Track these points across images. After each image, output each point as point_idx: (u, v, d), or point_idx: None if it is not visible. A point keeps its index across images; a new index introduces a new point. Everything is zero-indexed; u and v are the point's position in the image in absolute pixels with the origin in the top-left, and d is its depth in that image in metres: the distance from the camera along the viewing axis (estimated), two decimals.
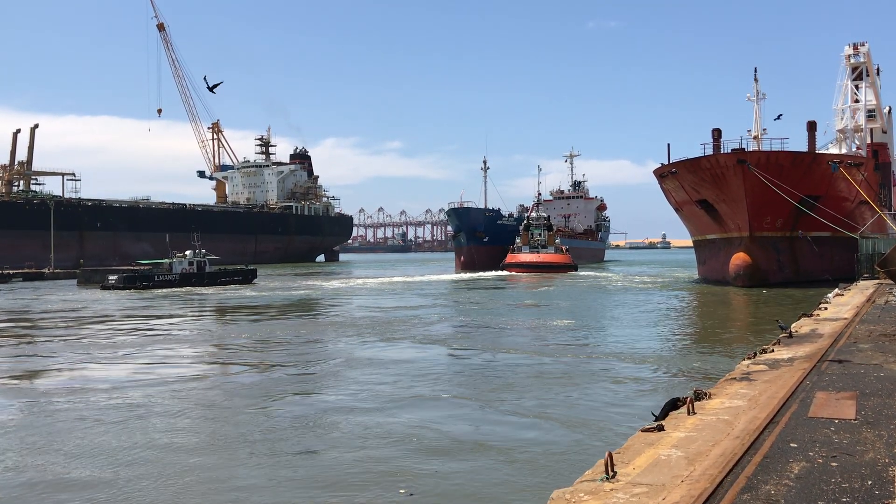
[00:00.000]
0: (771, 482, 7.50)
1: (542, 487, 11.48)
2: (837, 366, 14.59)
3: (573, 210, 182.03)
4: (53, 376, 24.48)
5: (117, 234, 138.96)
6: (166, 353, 29.63)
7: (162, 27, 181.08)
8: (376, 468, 13.65)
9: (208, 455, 14.82)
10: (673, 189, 73.47)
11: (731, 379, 13.43)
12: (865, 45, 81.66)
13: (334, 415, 17.93)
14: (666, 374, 23.33)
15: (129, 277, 75.57)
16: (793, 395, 11.83)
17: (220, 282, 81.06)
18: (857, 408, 10.83)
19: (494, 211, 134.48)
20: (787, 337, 19.04)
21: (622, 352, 27.98)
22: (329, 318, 44.28)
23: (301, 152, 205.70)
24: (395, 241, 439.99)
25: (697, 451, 8.66)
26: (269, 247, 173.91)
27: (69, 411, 18.71)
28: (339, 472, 13.57)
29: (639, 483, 7.49)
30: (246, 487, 12.85)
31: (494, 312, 45.58)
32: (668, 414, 10.83)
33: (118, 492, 12.61)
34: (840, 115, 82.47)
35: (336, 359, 27.40)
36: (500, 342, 31.50)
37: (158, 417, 18.00)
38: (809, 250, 67.64)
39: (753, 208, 63.45)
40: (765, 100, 72.74)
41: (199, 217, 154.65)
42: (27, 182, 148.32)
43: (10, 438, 16.26)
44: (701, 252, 79.51)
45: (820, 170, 64.32)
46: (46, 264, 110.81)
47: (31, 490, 12.83)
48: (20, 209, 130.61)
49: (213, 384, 22.92)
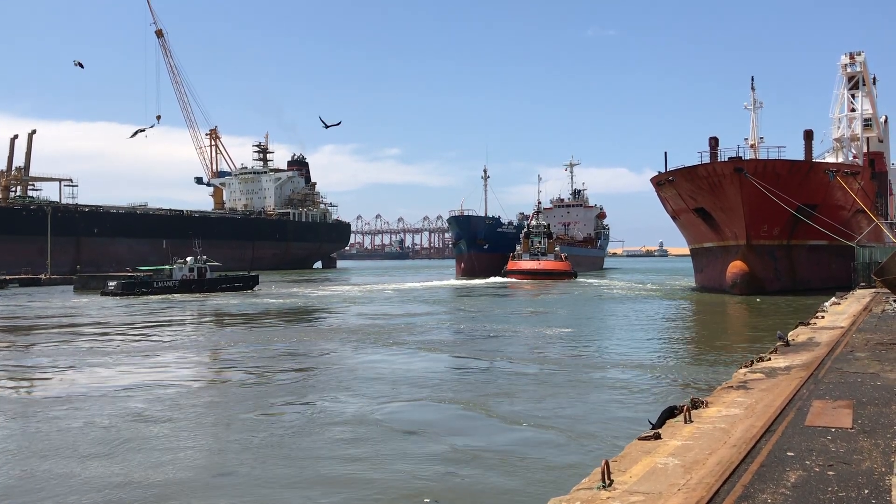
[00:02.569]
0: (767, 491, 7.50)
1: (539, 495, 11.46)
2: (834, 374, 14.60)
3: (573, 218, 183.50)
4: (44, 383, 24.39)
5: (114, 241, 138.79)
6: (155, 361, 29.51)
7: (160, 33, 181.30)
8: (369, 476, 13.61)
9: (206, 463, 14.77)
10: (670, 197, 73.61)
11: (728, 387, 13.44)
12: (862, 54, 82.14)
13: (329, 420, 17.90)
14: (663, 382, 23.31)
15: (128, 284, 75.43)
16: (790, 403, 11.83)
17: (220, 288, 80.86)
18: (853, 416, 10.84)
19: (494, 219, 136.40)
20: (784, 345, 19.05)
21: (619, 360, 27.96)
22: (331, 324, 44.21)
23: (299, 159, 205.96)
24: (392, 248, 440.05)
25: (694, 459, 8.66)
26: (267, 253, 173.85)
27: (58, 419, 18.63)
28: (335, 477, 13.54)
29: (635, 491, 7.49)
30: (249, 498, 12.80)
31: (494, 319, 45.56)
32: (664, 422, 10.83)
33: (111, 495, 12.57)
34: (837, 124, 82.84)
35: (336, 366, 27.36)
36: (499, 350, 31.47)
37: (151, 428, 17.93)
38: (806, 259, 67.81)
39: (750, 217, 63.58)
40: (762, 109, 73.03)
41: (197, 223, 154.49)
42: (24, 188, 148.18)
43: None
44: (698, 260, 79.61)
45: (817, 178, 64.50)
46: (43, 270, 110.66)
47: (21, 495, 12.78)
48: (17, 215, 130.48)
49: (209, 393, 22.88)
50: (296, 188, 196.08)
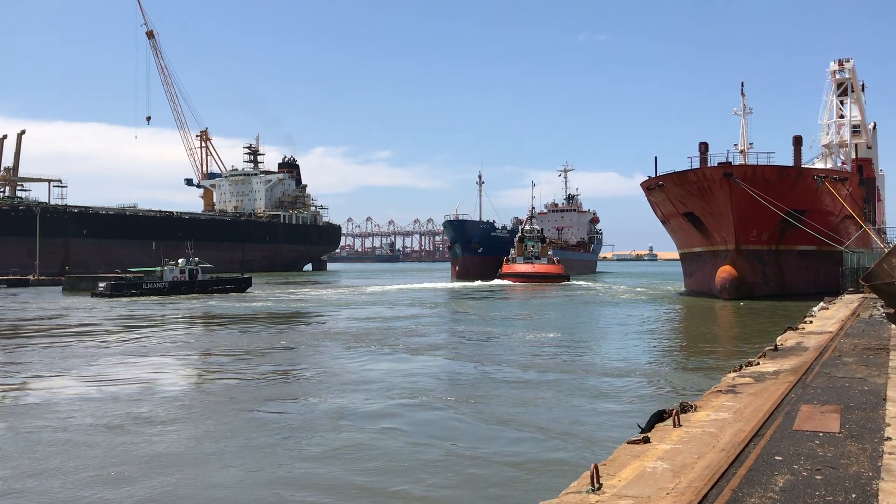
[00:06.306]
0: (756, 495, 7.53)
1: (528, 499, 11.46)
2: (822, 379, 14.67)
3: (566, 223, 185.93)
4: (26, 387, 24.22)
5: (103, 242, 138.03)
6: (141, 362, 29.35)
7: (151, 34, 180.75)
8: (361, 480, 13.58)
9: (194, 469, 14.70)
10: (660, 202, 73.88)
11: (716, 391, 13.48)
12: (851, 61, 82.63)
13: (319, 424, 17.85)
14: (652, 386, 23.36)
15: (117, 285, 75.05)
16: (778, 407, 11.88)
17: (211, 290, 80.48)
18: (841, 421, 10.90)
19: (488, 223, 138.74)
20: (773, 350, 19.14)
21: (609, 364, 28.01)
22: (324, 327, 44.08)
23: (290, 161, 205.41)
24: (383, 251, 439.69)
25: (683, 463, 8.68)
26: (257, 255, 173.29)
27: (40, 421, 18.51)
28: (329, 481, 13.50)
29: (624, 495, 7.50)
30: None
31: (487, 322, 45.56)
32: (654, 426, 10.85)
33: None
34: (825, 130, 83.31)
35: (326, 370, 27.28)
36: (489, 353, 31.47)
37: (139, 430, 17.83)
38: (795, 264, 68.16)
39: (739, 222, 63.91)
40: (751, 114, 73.38)
41: (187, 225, 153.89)
42: (13, 188, 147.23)
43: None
44: (687, 265, 79.90)
45: (805, 184, 64.90)
46: (31, 271, 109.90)
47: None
48: (5, 215, 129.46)
49: (195, 395, 22.76)
50: (286, 190, 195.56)
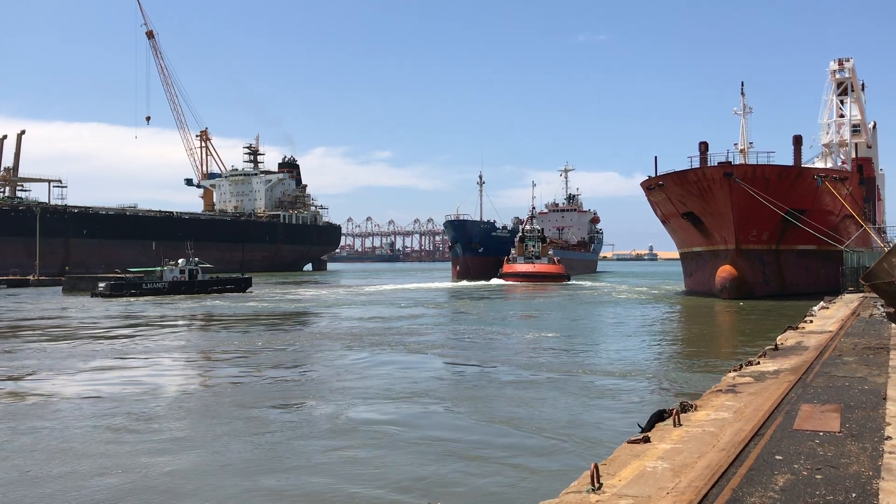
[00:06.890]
0: (756, 494, 7.52)
1: (528, 499, 11.45)
2: (823, 378, 14.67)
3: (567, 222, 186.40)
4: (25, 387, 24.22)
5: (103, 242, 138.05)
6: (141, 362, 29.36)
7: (151, 34, 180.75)
8: (361, 480, 13.58)
9: (194, 468, 14.70)
10: (660, 201, 73.87)
11: (717, 391, 13.48)
12: (850, 60, 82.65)
13: (319, 424, 17.85)
14: (652, 385, 23.36)
15: (117, 285, 75.09)
16: (778, 407, 11.88)
17: (211, 290, 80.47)
18: (841, 420, 10.89)
19: (489, 223, 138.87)
20: (773, 349, 19.14)
21: (609, 363, 28.00)
22: (325, 327, 44.08)
23: (290, 161, 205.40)
24: (383, 251, 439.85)
25: (683, 462, 8.68)
26: (257, 255, 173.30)
27: (40, 421, 18.51)
28: (329, 479, 13.50)
29: (625, 495, 7.50)
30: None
31: (487, 322, 45.55)
32: (654, 426, 10.85)
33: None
34: (825, 130, 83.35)
35: (326, 370, 27.28)
36: (489, 353, 31.46)
37: (132, 430, 17.83)
38: (795, 263, 68.16)
39: (739, 221, 63.89)
40: (751, 114, 73.46)
41: (186, 225, 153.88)
42: (13, 188, 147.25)
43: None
44: (687, 264, 79.89)
45: (805, 184, 64.88)
46: (31, 271, 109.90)
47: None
48: (5, 215, 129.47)
49: (196, 397, 22.75)
50: (286, 190, 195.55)
